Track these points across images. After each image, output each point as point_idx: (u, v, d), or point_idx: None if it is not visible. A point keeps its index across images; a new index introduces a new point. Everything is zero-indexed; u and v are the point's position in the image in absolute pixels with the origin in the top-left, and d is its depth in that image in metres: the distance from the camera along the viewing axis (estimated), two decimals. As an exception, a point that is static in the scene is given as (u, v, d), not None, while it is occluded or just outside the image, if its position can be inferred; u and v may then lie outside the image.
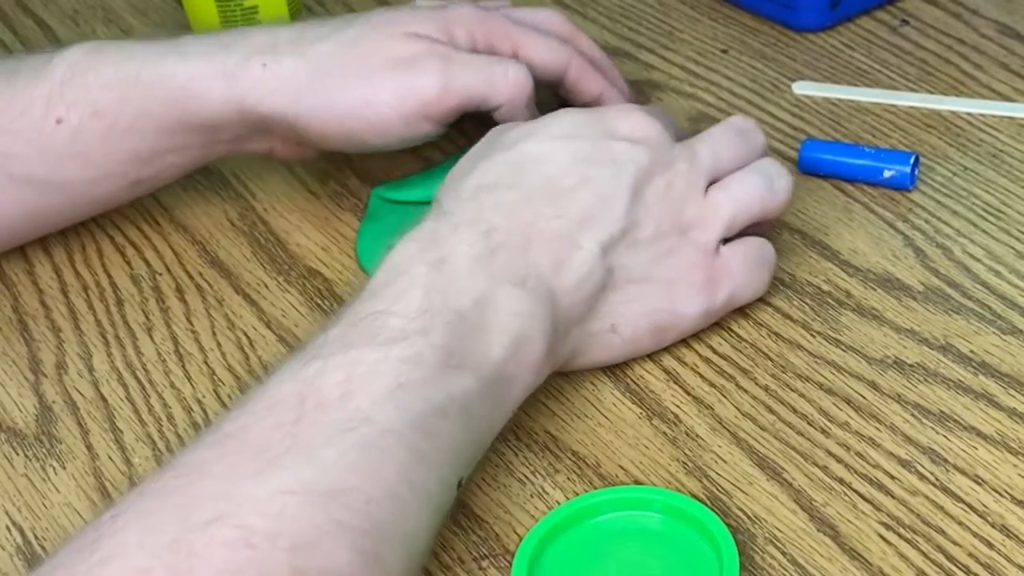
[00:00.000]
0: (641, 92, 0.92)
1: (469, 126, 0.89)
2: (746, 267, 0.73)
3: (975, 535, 0.63)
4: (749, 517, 0.65)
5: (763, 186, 0.73)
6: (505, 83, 0.78)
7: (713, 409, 0.70)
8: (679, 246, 0.70)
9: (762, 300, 0.75)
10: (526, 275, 0.65)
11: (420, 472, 0.58)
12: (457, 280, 0.64)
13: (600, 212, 0.68)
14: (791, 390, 0.71)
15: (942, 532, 0.63)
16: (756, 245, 0.73)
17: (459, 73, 0.78)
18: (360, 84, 0.77)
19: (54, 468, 0.71)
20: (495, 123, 0.79)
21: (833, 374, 0.71)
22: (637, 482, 0.67)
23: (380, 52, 0.78)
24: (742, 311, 0.75)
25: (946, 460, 0.66)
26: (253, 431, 0.57)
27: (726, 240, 0.72)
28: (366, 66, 0.78)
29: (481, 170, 0.69)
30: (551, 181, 0.68)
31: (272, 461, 0.56)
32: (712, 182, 0.72)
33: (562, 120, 0.71)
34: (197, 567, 0.52)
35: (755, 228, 0.73)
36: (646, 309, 0.70)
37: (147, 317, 0.78)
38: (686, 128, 0.88)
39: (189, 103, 0.77)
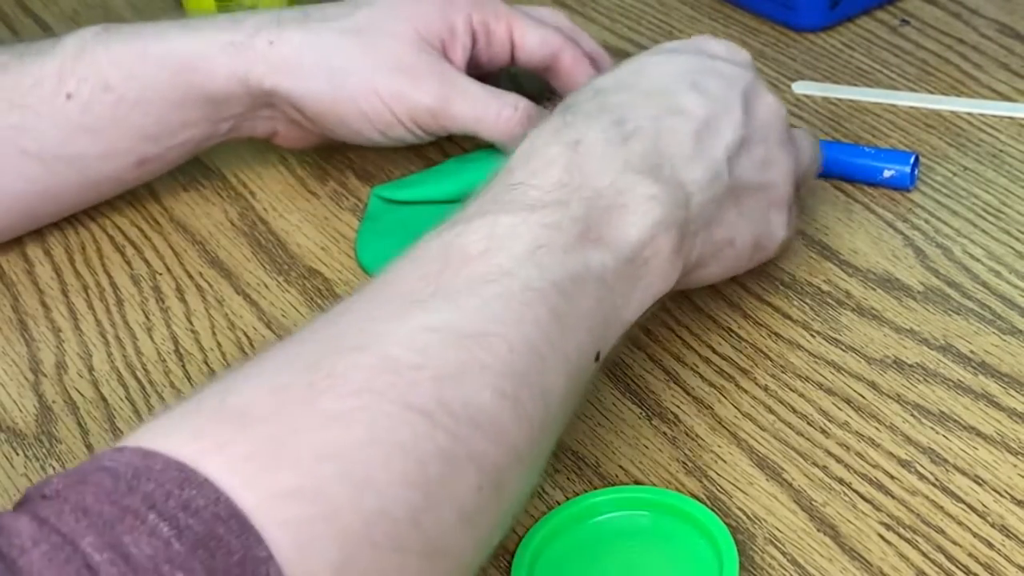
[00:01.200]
0: (641, 92, 0.92)
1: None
2: (797, 217, 0.75)
3: (975, 535, 0.63)
4: (749, 517, 0.65)
5: (816, 148, 0.76)
6: (495, 123, 0.80)
7: (713, 409, 0.70)
8: (780, 168, 0.71)
9: (762, 300, 0.75)
10: (660, 164, 0.66)
11: (558, 332, 0.59)
12: (593, 160, 0.64)
13: (719, 117, 0.69)
14: (791, 390, 0.71)
15: (942, 532, 0.63)
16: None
17: (455, 102, 0.79)
18: (361, 77, 0.79)
19: (54, 468, 0.71)
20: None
21: (833, 374, 0.71)
22: (637, 482, 0.67)
23: (385, 51, 0.79)
24: (742, 311, 0.75)
25: (946, 460, 0.66)
26: (397, 281, 0.59)
27: None
28: (369, 61, 0.79)
29: (599, 80, 0.70)
30: (667, 83, 0.69)
31: (416, 303, 0.57)
32: None
33: (661, 47, 0.73)
34: (337, 385, 0.53)
35: None
36: (753, 226, 0.71)
37: (147, 317, 0.78)
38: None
39: (195, 76, 0.79)
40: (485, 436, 0.55)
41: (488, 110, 0.80)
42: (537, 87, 0.86)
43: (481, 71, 0.85)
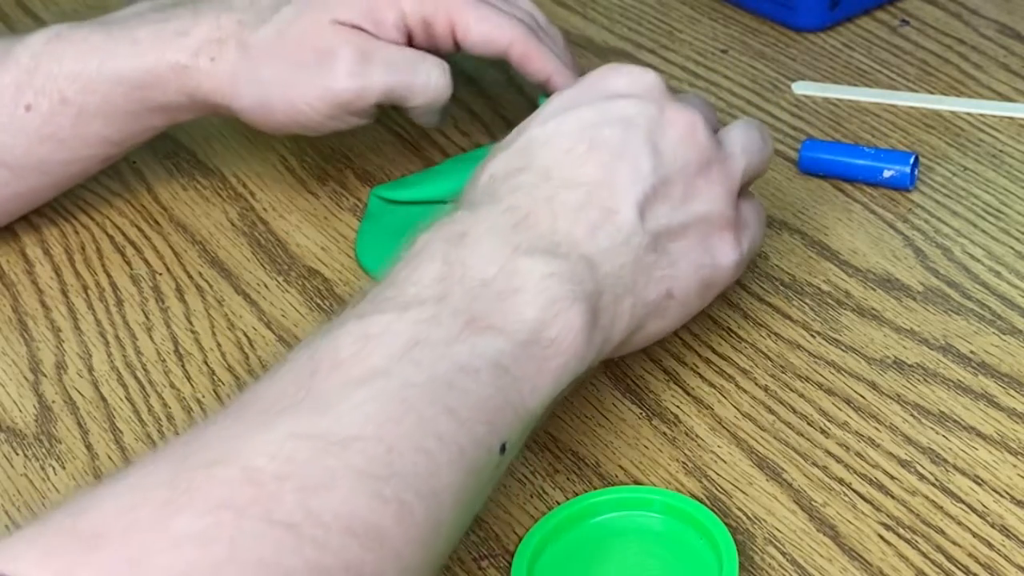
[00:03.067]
0: (641, 92, 0.91)
1: (471, 128, 0.89)
2: (756, 219, 0.72)
3: (975, 535, 0.63)
4: (749, 517, 0.65)
5: (762, 139, 0.72)
6: (423, 87, 0.79)
7: (713, 409, 0.70)
8: (708, 195, 0.68)
9: (761, 300, 0.75)
10: (555, 243, 0.63)
11: (449, 427, 0.57)
12: (478, 251, 0.62)
13: (625, 172, 0.66)
14: (791, 390, 0.71)
15: (942, 532, 0.63)
16: (755, 200, 0.73)
17: (376, 72, 0.79)
18: (284, 84, 0.79)
19: (53, 468, 0.71)
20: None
21: (833, 374, 0.71)
22: (637, 482, 0.67)
23: (304, 44, 0.79)
24: (742, 311, 0.75)
25: (946, 460, 0.66)
26: (265, 391, 0.57)
27: None
28: (291, 61, 0.79)
29: (492, 163, 0.68)
30: (563, 154, 0.66)
31: (283, 412, 0.55)
32: None
33: (557, 99, 0.69)
34: (193, 501, 0.50)
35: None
36: (693, 267, 0.68)
37: (147, 317, 0.78)
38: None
39: (149, 92, 0.80)
40: (362, 545, 0.52)
41: (414, 74, 0.79)
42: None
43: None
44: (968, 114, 0.87)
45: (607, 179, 0.66)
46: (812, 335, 0.73)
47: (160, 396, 0.74)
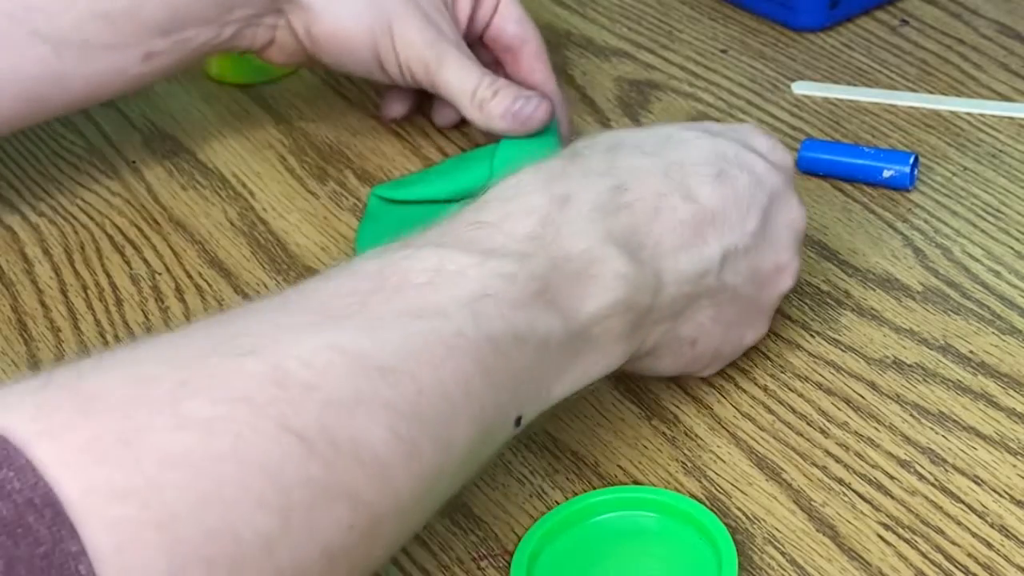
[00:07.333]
0: (641, 92, 0.92)
1: (470, 128, 0.89)
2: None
3: (974, 535, 0.63)
4: (748, 517, 0.65)
5: None
6: (470, 104, 0.81)
7: (712, 409, 0.70)
8: (775, 289, 0.69)
9: (761, 300, 0.75)
10: (643, 245, 0.63)
11: (480, 386, 0.56)
12: (574, 222, 0.61)
13: (732, 216, 0.65)
14: (790, 390, 0.71)
15: (941, 532, 0.63)
16: None
17: (447, 67, 0.81)
18: (383, 10, 0.81)
19: (53, 468, 0.70)
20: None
21: (832, 374, 0.71)
22: (636, 482, 0.67)
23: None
24: (741, 311, 0.75)
25: (945, 460, 0.66)
26: (322, 291, 0.55)
27: None
28: None
29: (622, 131, 0.68)
30: (692, 163, 0.66)
31: (331, 319, 0.53)
32: None
33: (698, 123, 0.70)
34: (212, 387, 0.48)
35: None
36: (724, 334, 0.68)
37: (146, 317, 0.78)
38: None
39: None
40: (367, 475, 0.51)
41: (466, 87, 0.81)
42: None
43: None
44: (968, 114, 0.87)
45: (716, 213, 0.65)
46: (811, 335, 0.73)
47: (159, 396, 0.74)
